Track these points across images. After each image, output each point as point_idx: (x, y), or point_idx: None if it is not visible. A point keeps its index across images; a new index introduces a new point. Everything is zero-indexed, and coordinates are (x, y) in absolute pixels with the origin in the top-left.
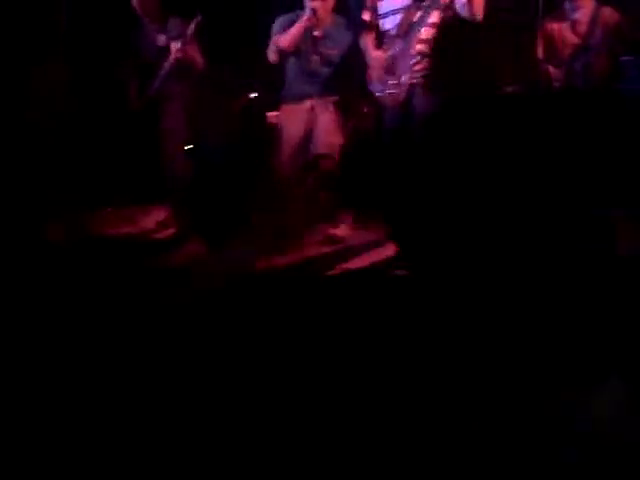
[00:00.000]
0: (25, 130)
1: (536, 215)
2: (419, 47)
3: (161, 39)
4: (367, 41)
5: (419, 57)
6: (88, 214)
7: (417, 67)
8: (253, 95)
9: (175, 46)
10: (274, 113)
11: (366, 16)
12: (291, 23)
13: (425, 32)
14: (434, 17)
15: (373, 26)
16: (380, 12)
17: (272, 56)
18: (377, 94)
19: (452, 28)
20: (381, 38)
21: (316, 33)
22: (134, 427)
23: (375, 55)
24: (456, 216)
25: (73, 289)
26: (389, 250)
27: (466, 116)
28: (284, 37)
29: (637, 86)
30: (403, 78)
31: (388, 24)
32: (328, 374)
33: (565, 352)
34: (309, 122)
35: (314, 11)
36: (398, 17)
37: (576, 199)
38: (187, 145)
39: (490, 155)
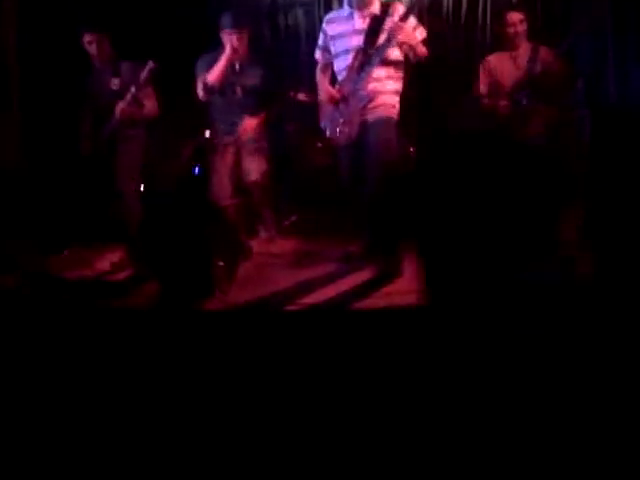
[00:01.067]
0: None
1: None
2: (371, 87)
3: (114, 83)
4: (321, 79)
5: (369, 97)
6: (43, 258)
7: (369, 106)
8: (206, 136)
9: (129, 92)
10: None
11: (318, 55)
12: (213, 60)
13: (377, 71)
14: (389, 55)
15: (327, 65)
16: (333, 52)
17: (201, 94)
18: (327, 131)
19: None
20: (334, 77)
21: (237, 66)
22: None
23: (328, 93)
24: None
25: (30, 335)
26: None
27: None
28: (211, 74)
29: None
30: (355, 118)
31: (341, 64)
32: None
33: None
34: (236, 153)
35: (234, 47)
36: (350, 57)
37: None
38: (140, 186)
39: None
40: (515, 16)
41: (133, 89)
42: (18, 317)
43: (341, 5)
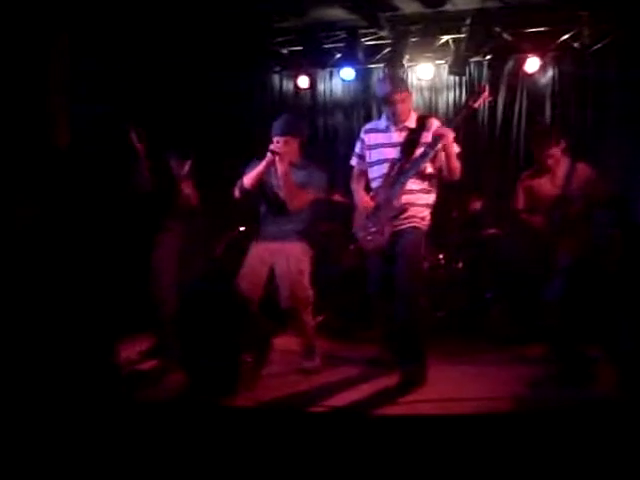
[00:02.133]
0: None
1: None
2: (404, 199)
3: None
4: (355, 185)
5: (402, 208)
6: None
7: (401, 217)
8: (241, 229)
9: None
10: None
11: (354, 162)
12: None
13: (410, 184)
14: (424, 169)
15: (362, 172)
16: (368, 160)
17: (236, 193)
18: (358, 237)
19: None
20: (368, 185)
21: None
22: None
23: (362, 200)
24: None
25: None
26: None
27: None
28: (247, 176)
29: None
30: (386, 227)
31: (375, 172)
32: None
33: None
34: (272, 258)
35: (273, 152)
36: (385, 167)
37: None
38: (174, 278)
39: None
40: (556, 151)
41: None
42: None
43: (380, 114)
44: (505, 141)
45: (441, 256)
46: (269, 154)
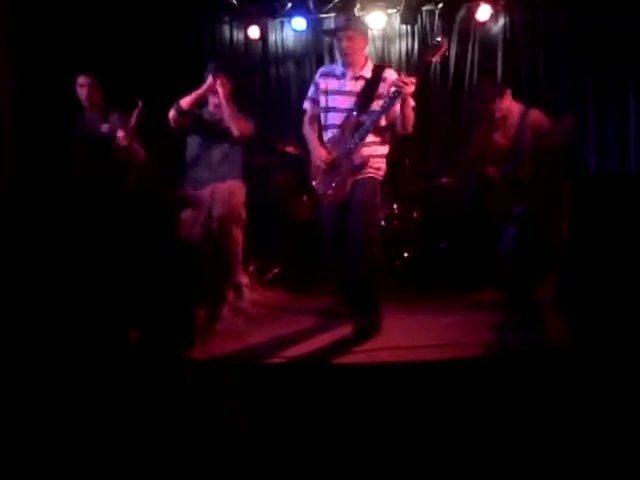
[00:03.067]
0: None
1: None
2: (363, 152)
3: (104, 127)
4: (308, 131)
5: (363, 162)
6: None
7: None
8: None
9: (119, 134)
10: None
11: (306, 105)
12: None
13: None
14: (380, 122)
15: (314, 116)
16: (322, 105)
17: (171, 114)
18: (319, 191)
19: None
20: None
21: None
22: None
23: (319, 154)
24: None
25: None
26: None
27: None
28: (184, 98)
29: None
30: (347, 181)
31: (328, 120)
32: None
33: None
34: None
35: (215, 74)
36: (339, 117)
37: None
38: None
39: None
40: (501, 102)
41: (123, 131)
42: None
43: (333, 60)
44: (458, 90)
45: (395, 206)
46: (209, 78)
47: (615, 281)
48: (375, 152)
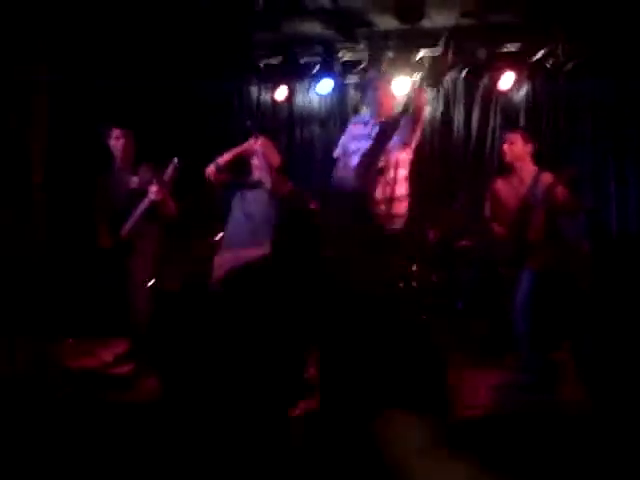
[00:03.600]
0: None
1: None
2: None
3: (134, 181)
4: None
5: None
6: (50, 344)
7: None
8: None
9: (152, 189)
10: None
11: (336, 153)
12: None
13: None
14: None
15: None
16: (350, 150)
17: (209, 170)
18: None
19: None
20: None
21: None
22: None
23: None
24: None
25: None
26: None
27: None
28: (223, 156)
29: None
30: None
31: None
32: None
33: None
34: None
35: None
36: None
37: None
38: (150, 284)
39: None
40: (514, 137)
41: (156, 186)
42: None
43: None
44: (479, 156)
45: (414, 267)
46: (247, 144)
47: (633, 345)
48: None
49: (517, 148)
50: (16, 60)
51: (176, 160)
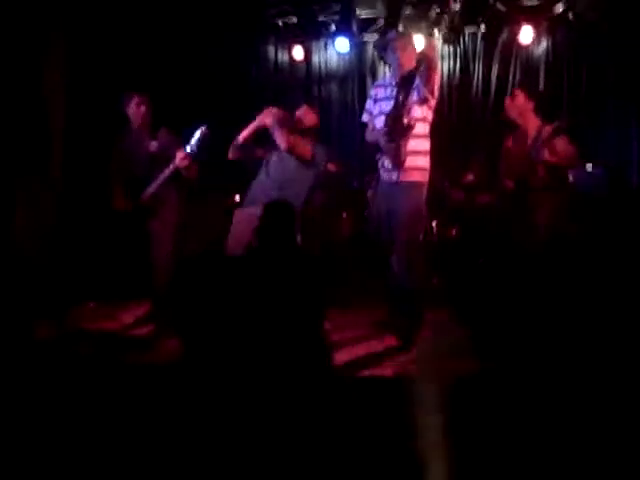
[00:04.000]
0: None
1: None
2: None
3: (153, 145)
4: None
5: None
6: (71, 309)
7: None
8: (235, 200)
9: (179, 155)
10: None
11: (364, 117)
12: None
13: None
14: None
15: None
16: (373, 113)
17: (230, 152)
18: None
19: None
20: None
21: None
22: None
23: None
24: None
25: (58, 384)
26: None
27: None
28: (242, 133)
29: None
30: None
31: (378, 124)
32: None
33: None
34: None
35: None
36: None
37: None
38: (171, 247)
39: None
40: (517, 91)
41: (182, 151)
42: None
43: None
44: (498, 112)
45: (434, 223)
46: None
47: None
48: (418, 148)
49: (519, 103)
50: (31, 26)
51: (204, 127)
